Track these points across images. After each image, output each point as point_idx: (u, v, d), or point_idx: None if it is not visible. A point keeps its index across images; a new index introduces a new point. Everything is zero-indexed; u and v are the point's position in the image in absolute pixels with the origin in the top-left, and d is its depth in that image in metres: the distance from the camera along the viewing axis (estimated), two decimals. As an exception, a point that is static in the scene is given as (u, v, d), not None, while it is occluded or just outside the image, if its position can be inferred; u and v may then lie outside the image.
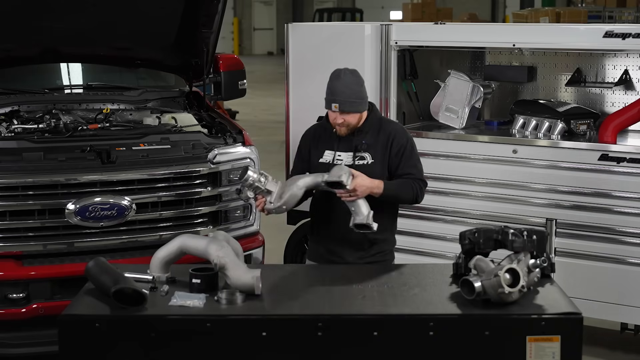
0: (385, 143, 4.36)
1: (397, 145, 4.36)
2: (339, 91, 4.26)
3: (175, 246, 3.98)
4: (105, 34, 5.71)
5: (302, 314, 3.61)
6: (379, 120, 4.45)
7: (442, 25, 5.88)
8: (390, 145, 4.36)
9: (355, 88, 4.28)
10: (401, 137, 4.39)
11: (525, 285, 3.64)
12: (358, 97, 4.28)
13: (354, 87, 4.28)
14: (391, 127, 4.45)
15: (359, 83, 4.31)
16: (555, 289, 3.85)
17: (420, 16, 21.22)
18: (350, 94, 4.26)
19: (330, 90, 4.30)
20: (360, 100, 4.30)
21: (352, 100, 4.26)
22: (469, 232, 4.02)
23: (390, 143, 4.37)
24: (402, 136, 4.40)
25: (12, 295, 4.76)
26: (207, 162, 5.20)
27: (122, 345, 3.52)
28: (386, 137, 4.37)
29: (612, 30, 5.18)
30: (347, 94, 4.25)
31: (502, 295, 3.58)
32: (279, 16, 36.63)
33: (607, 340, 5.64)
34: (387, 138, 4.37)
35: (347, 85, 4.26)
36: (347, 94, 4.25)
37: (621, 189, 5.19)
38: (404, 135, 4.42)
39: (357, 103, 4.28)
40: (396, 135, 4.39)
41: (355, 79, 4.30)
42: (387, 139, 4.37)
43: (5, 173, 4.77)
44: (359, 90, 4.30)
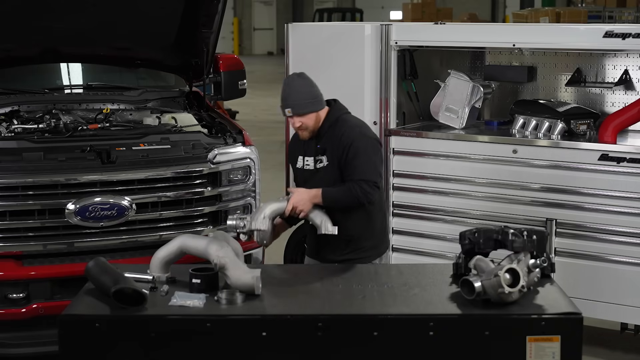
0: (337, 144, 4.45)
1: (342, 147, 4.43)
2: (289, 96, 4.40)
3: (175, 246, 3.99)
4: (105, 34, 5.71)
5: (302, 314, 3.61)
6: (336, 121, 4.50)
7: (442, 25, 5.88)
8: (338, 146, 4.45)
9: (304, 90, 4.41)
10: (347, 138, 4.44)
11: (525, 285, 3.64)
12: (308, 97, 4.40)
13: (303, 89, 4.41)
14: (343, 128, 4.49)
15: (309, 84, 4.43)
16: (555, 289, 3.85)
17: (420, 16, 21.22)
18: (300, 96, 4.38)
19: (282, 97, 4.44)
20: (312, 100, 4.41)
21: (302, 102, 4.38)
22: (469, 232, 4.02)
23: (338, 144, 4.45)
24: (347, 137, 4.44)
25: (12, 295, 4.76)
26: (207, 162, 5.20)
27: (122, 345, 3.53)
28: (337, 138, 4.45)
29: (612, 30, 5.18)
30: (297, 97, 4.38)
31: (502, 295, 3.58)
32: (279, 16, 36.62)
33: (607, 340, 5.64)
34: (338, 139, 4.45)
35: (296, 89, 4.40)
36: (297, 97, 4.38)
37: (621, 189, 5.19)
38: (350, 136, 4.45)
39: (309, 103, 4.40)
40: (342, 136, 4.45)
41: (304, 81, 4.43)
42: (338, 140, 4.45)
43: (5, 173, 4.77)
44: (309, 91, 4.42)
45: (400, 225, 5.86)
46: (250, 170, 5.39)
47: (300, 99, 4.37)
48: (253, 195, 5.41)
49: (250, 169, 5.39)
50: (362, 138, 4.46)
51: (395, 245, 5.87)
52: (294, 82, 4.42)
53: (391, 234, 5.86)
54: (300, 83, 4.41)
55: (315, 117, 4.42)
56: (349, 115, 4.58)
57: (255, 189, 5.42)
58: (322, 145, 4.47)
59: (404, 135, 5.83)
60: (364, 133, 4.51)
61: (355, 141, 4.43)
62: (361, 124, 4.59)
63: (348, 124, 4.51)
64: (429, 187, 5.75)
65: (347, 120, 4.52)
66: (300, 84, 4.41)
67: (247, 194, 5.39)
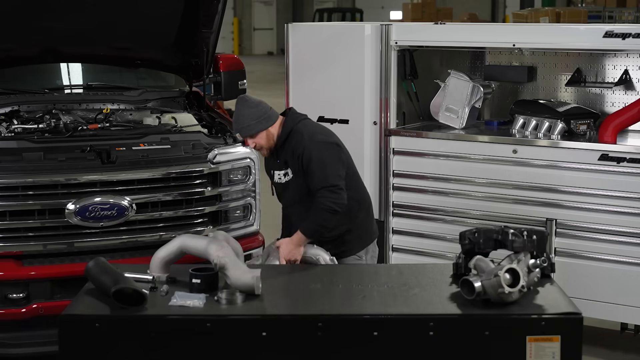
0: (293, 157, 4.58)
1: (297, 158, 4.56)
2: (236, 121, 4.60)
3: (175, 246, 3.99)
4: (105, 34, 5.71)
5: (302, 314, 3.61)
6: (290, 133, 4.61)
7: (442, 25, 5.88)
8: (294, 158, 4.58)
9: (246, 112, 4.57)
10: (299, 148, 4.55)
11: (525, 285, 3.64)
12: (253, 118, 4.56)
13: (245, 112, 4.57)
14: (295, 139, 4.59)
15: (251, 106, 4.59)
16: (555, 289, 3.85)
17: (420, 16, 21.23)
18: (244, 119, 4.55)
19: (234, 124, 4.63)
20: (255, 121, 4.56)
21: (246, 125, 4.55)
22: (469, 232, 4.02)
23: (293, 156, 4.59)
24: (299, 147, 4.55)
25: (12, 295, 4.75)
26: (207, 162, 5.20)
27: (122, 345, 3.53)
28: (291, 150, 4.58)
29: (612, 30, 5.18)
30: (242, 121, 4.57)
31: (502, 295, 3.58)
32: (279, 16, 36.61)
33: (607, 340, 5.64)
34: (292, 152, 4.58)
35: (240, 114, 4.59)
36: (242, 121, 4.57)
37: (621, 189, 5.18)
38: (301, 145, 4.55)
39: (254, 124, 4.56)
40: (295, 148, 4.57)
41: (246, 104, 4.60)
42: (292, 152, 4.58)
43: (5, 173, 4.77)
44: (251, 113, 4.57)
45: (400, 225, 5.85)
46: (250, 170, 5.39)
47: (243, 123, 4.55)
48: (253, 195, 5.40)
49: (250, 169, 5.39)
50: (311, 144, 4.54)
51: (395, 245, 5.88)
52: (238, 107, 4.61)
53: (391, 234, 5.87)
54: (243, 106, 4.59)
55: (265, 135, 4.58)
56: (303, 123, 4.65)
57: (255, 189, 5.42)
58: (282, 159, 4.63)
59: (404, 135, 5.83)
60: (313, 138, 4.57)
61: (306, 149, 4.53)
62: (312, 130, 4.66)
63: (299, 133, 4.59)
64: (429, 187, 5.74)
65: (299, 130, 4.60)
66: (244, 106, 4.59)
67: (247, 194, 5.38)
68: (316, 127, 4.77)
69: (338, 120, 5.99)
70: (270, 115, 4.61)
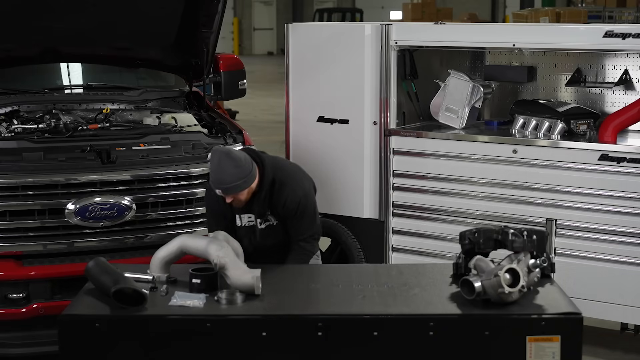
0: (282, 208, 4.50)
1: (289, 210, 4.51)
2: (220, 180, 4.32)
3: (175, 246, 3.99)
4: (105, 34, 5.71)
5: (302, 314, 3.61)
6: (272, 183, 4.51)
7: (442, 25, 5.88)
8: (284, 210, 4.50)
9: (233, 171, 4.30)
10: (292, 203, 4.51)
11: (525, 285, 3.64)
12: (237, 179, 4.31)
13: (232, 171, 4.30)
14: (284, 192, 4.52)
15: (236, 164, 4.32)
16: (555, 289, 3.85)
17: (420, 16, 21.22)
18: (230, 179, 4.30)
19: (211, 177, 4.39)
20: (241, 181, 4.33)
21: (232, 184, 4.31)
22: (469, 232, 4.02)
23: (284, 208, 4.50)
24: (292, 202, 4.51)
25: (12, 295, 4.75)
26: (207, 162, 5.20)
27: (122, 345, 3.53)
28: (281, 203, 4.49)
29: (612, 30, 5.18)
30: (227, 180, 4.30)
31: (502, 295, 3.58)
32: (279, 16, 36.62)
33: (607, 340, 5.64)
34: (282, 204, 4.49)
35: (225, 171, 4.30)
36: (227, 180, 4.30)
37: (621, 189, 5.18)
38: (294, 201, 4.51)
39: (238, 185, 4.32)
40: (286, 201, 4.50)
41: (232, 162, 4.31)
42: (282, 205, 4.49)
43: (5, 173, 4.77)
44: (237, 172, 4.32)
45: (400, 225, 5.85)
46: (250, 170, 5.38)
47: (229, 182, 4.30)
48: (253, 195, 5.40)
49: (250, 169, 5.38)
50: (305, 198, 4.56)
51: (395, 245, 5.87)
52: (223, 163, 4.31)
53: (391, 234, 5.87)
54: (228, 164, 4.30)
55: (247, 191, 4.41)
56: (281, 171, 4.58)
57: (255, 189, 5.41)
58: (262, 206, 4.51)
59: (404, 135, 5.83)
60: (306, 193, 4.59)
61: (301, 205, 4.53)
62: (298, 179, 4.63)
63: (288, 186, 4.53)
64: (429, 187, 5.74)
65: (282, 181, 4.52)
66: (229, 165, 4.30)
67: (247, 194, 5.38)
68: (293, 171, 4.69)
69: (338, 120, 5.99)
70: (253, 172, 4.40)
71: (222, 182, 4.29)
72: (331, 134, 6.00)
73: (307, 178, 4.75)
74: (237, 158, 4.33)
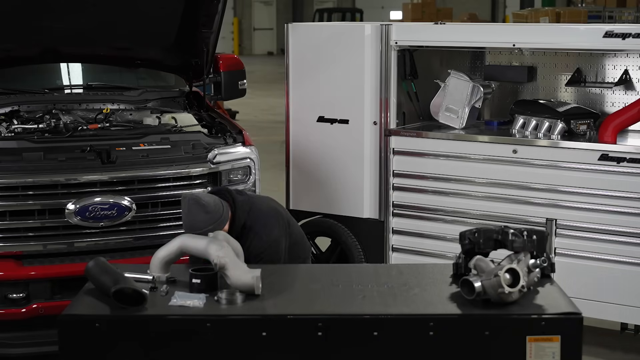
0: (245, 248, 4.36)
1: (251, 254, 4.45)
2: (191, 225, 4.38)
3: (175, 246, 3.99)
4: (105, 34, 5.71)
5: (302, 314, 3.61)
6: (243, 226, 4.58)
7: (442, 25, 5.88)
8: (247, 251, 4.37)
9: (203, 217, 4.38)
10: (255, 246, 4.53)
11: (526, 285, 3.64)
12: (208, 224, 4.37)
13: (202, 217, 4.38)
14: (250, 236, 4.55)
15: (206, 210, 4.39)
16: (555, 289, 3.85)
17: (420, 16, 21.23)
18: (201, 225, 4.36)
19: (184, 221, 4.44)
20: (211, 226, 4.36)
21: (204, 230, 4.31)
22: (469, 232, 4.02)
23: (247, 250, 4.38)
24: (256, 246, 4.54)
25: (12, 295, 4.75)
26: (207, 162, 5.20)
27: (122, 345, 3.53)
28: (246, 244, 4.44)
29: (612, 30, 5.18)
30: (198, 227, 4.35)
31: (502, 295, 3.58)
32: (279, 16, 36.62)
33: (607, 340, 5.64)
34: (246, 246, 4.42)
35: (195, 218, 4.38)
36: (198, 227, 4.35)
37: (621, 189, 5.18)
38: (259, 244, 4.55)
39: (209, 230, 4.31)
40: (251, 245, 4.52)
41: (202, 208, 4.39)
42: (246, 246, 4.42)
43: (5, 173, 4.77)
44: (208, 218, 4.39)
45: (400, 225, 5.85)
46: (250, 170, 5.39)
47: (201, 227, 4.34)
48: (253, 195, 5.40)
49: (250, 169, 5.39)
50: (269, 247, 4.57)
51: (395, 245, 5.88)
52: (193, 209, 4.39)
53: (391, 234, 5.87)
54: (198, 210, 4.38)
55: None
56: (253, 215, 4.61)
57: (255, 189, 5.42)
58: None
59: (404, 135, 5.83)
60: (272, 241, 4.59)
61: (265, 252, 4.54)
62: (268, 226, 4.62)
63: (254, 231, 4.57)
64: (429, 187, 5.74)
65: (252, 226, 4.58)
66: (199, 211, 4.38)
67: (247, 194, 5.38)
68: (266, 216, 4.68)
69: (338, 120, 6.00)
70: (224, 216, 4.47)
71: (194, 228, 4.35)
72: (331, 134, 6.01)
73: (281, 224, 4.69)
74: (207, 204, 4.41)
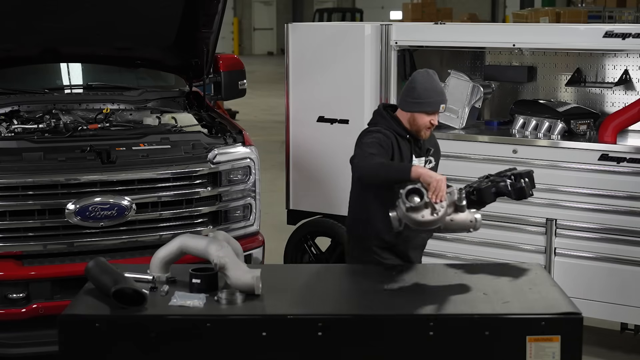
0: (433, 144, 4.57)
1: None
2: (440, 91, 4.35)
3: (175, 246, 3.98)
4: (105, 34, 5.71)
5: (302, 314, 3.61)
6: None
7: (442, 25, 5.88)
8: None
9: (441, 87, 4.41)
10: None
11: (442, 205, 3.80)
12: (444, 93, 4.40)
13: (440, 86, 4.40)
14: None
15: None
16: (555, 289, 3.85)
17: (420, 16, 21.25)
18: (443, 90, 4.40)
19: (428, 94, 4.30)
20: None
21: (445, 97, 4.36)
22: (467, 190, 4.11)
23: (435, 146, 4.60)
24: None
25: (12, 295, 4.76)
26: (207, 162, 5.20)
27: (122, 345, 3.52)
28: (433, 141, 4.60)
29: (612, 30, 5.19)
30: (443, 92, 4.37)
31: (413, 216, 3.74)
32: (279, 16, 36.62)
33: (607, 340, 5.64)
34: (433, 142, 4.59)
35: (439, 85, 4.37)
36: (443, 92, 4.37)
37: (621, 189, 5.19)
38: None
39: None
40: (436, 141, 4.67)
41: (436, 77, 4.39)
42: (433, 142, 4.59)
43: (5, 173, 4.77)
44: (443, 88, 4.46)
45: (400, 225, 5.84)
46: (250, 170, 5.39)
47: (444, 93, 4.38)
48: (253, 195, 5.41)
49: (250, 169, 5.39)
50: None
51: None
52: (434, 78, 4.36)
53: (391, 234, 5.86)
54: (436, 79, 4.36)
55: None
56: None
57: (255, 189, 5.42)
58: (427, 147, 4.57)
59: (404, 135, 5.83)
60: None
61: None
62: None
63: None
64: (429, 187, 5.73)
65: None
66: (436, 79, 4.36)
67: (247, 194, 5.39)
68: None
69: (338, 120, 6.00)
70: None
71: (443, 92, 4.33)
72: (331, 134, 6.01)
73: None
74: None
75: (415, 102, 4.28)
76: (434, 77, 4.35)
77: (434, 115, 4.32)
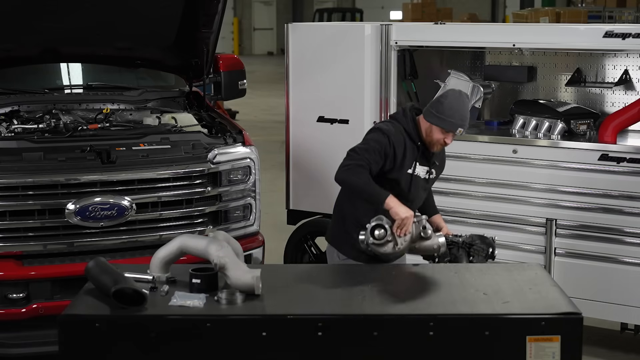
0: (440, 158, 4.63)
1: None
2: (464, 116, 4.35)
3: (175, 246, 3.98)
4: (105, 34, 5.71)
5: (302, 314, 3.61)
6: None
7: (442, 25, 5.88)
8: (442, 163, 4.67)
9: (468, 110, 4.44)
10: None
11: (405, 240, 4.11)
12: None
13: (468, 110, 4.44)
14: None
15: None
16: (555, 289, 3.85)
17: (420, 16, 21.25)
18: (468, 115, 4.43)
19: (453, 113, 4.31)
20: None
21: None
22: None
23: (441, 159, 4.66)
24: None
25: (12, 295, 4.76)
26: (207, 162, 5.20)
27: (122, 345, 3.52)
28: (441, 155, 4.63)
29: (612, 30, 5.19)
30: (468, 117, 4.40)
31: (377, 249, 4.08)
32: (279, 16, 36.62)
33: (607, 340, 5.64)
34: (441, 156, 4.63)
35: (467, 108, 4.38)
36: (468, 117, 4.40)
37: (621, 189, 5.19)
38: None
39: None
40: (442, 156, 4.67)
41: (467, 99, 4.46)
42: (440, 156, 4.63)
43: (5, 173, 4.77)
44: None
45: (400, 225, 5.84)
46: (250, 170, 5.39)
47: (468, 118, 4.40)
48: (253, 195, 5.41)
49: (250, 169, 5.39)
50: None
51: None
52: (464, 99, 4.40)
53: (391, 233, 5.86)
54: (466, 102, 4.40)
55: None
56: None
57: (255, 189, 5.42)
58: (432, 160, 4.57)
59: (404, 135, 5.83)
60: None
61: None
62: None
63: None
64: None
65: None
66: (466, 102, 4.40)
67: (247, 194, 5.39)
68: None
69: (338, 120, 6.00)
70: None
71: (466, 118, 4.35)
72: (331, 134, 6.01)
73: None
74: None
75: (437, 116, 4.32)
76: (465, 100, 4.39)
77: (449, 134, 4.36)
